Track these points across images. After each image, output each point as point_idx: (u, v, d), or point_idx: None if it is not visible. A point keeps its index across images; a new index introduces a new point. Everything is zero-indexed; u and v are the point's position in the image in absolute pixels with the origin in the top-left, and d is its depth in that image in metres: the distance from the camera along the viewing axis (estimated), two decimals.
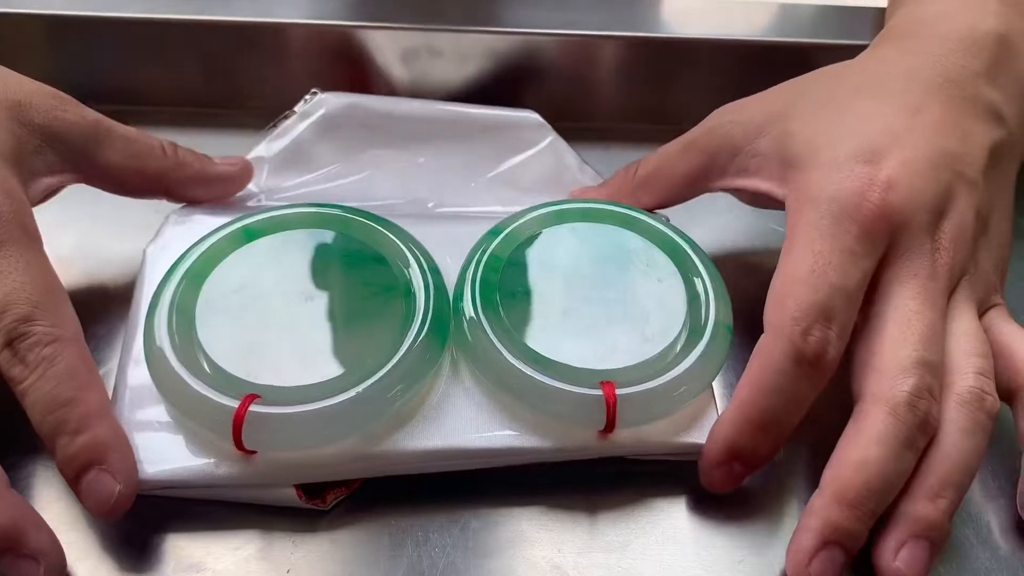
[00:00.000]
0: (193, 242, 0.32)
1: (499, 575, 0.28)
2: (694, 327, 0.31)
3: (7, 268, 0.28)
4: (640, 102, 0.46)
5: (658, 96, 0.46)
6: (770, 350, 0.28)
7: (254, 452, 0.28)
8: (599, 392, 0.29)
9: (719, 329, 0.31)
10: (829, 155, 0.31)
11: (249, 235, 0.32)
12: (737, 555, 0.29)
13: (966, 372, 0.29)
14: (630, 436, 0.30)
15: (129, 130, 0.34)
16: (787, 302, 0.29)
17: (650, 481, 0.31)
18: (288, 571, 0.28)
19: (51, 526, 0.26)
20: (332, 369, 0.29)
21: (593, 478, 0.31)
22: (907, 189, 0.30)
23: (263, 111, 0.45)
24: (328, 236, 0.32)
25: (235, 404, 0.27)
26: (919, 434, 0.27)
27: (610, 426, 0.29)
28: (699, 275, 0.32)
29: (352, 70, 0.45)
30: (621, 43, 0.44)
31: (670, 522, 0.30)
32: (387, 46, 0.44)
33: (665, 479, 0.31)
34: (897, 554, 0.27)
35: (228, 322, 0.30)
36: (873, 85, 0.33)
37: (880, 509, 0.27)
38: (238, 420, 0.27)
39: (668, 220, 0.36)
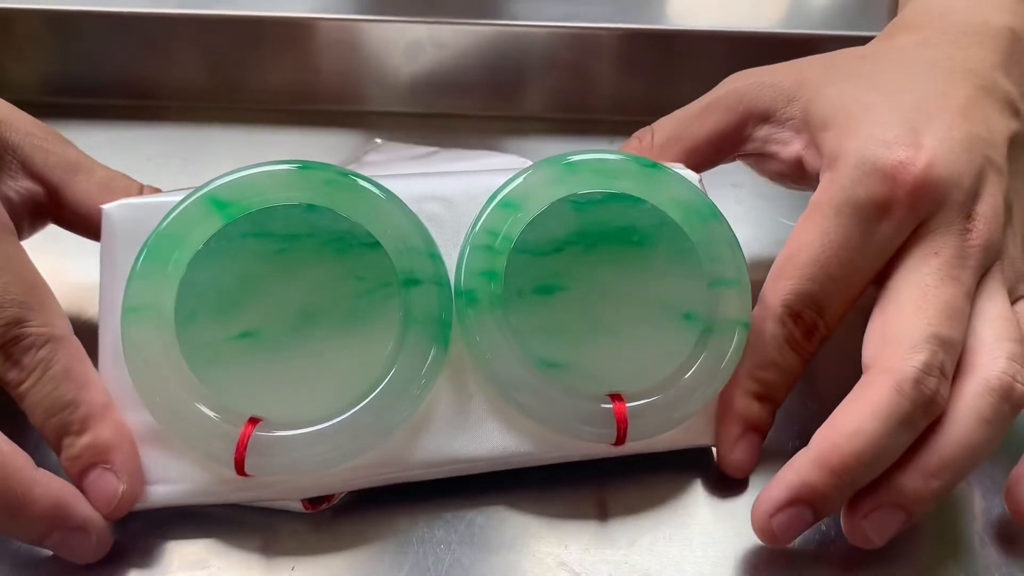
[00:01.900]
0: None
1: (505, 571, 0.28)
2: (707, 328, 0.29)
3: None
4: (645, 95, 0.46)
5: (663, 89, 0.46)
6: (761, 329, 0.30)
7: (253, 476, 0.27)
8: (609, 406, 0.28)
9: (736, 328, 0.29)
10: (867, 128, 0.30)
11: (218, 205, 0.27)
12: (746, 552, 0.29)
13: (996, 356, 0.28)
14: (639, 444, 0.29)
15: (111, 172, 0.33)
16: (782, 284, 0.30)
17: (658, 477, 0.30)
18: (292, 568, 0.27)
19: None
20: (329, 386, 0.27)
21: (600, 474, 0.30)
22: (946, 166, 0.29)
23: (267, 106, 0.45)
24: (311, 210, 0.27)
25: (235, 429, 0.26)
26: (921, 414, 0.27)
27: (621, 441, 0.28)
28: (721, 260, 0.29)
29: (356, 63, 0.45)
30: (626, 35, 0.44)
31: (678, 518, 0.29)
32: (391, 39, 0.44)
33: (673, 475, 0.31)
34: (868, 514, 0.27)
35: (213, 333, 0.27)
36: (897, 68, 0.33)
37: (862, 481, 0.27)
38: (241, 447, 0.26)
39: (700, 180, 0.32)
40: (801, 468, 0.27)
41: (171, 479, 0.27)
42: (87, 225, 0.32)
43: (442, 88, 0.46)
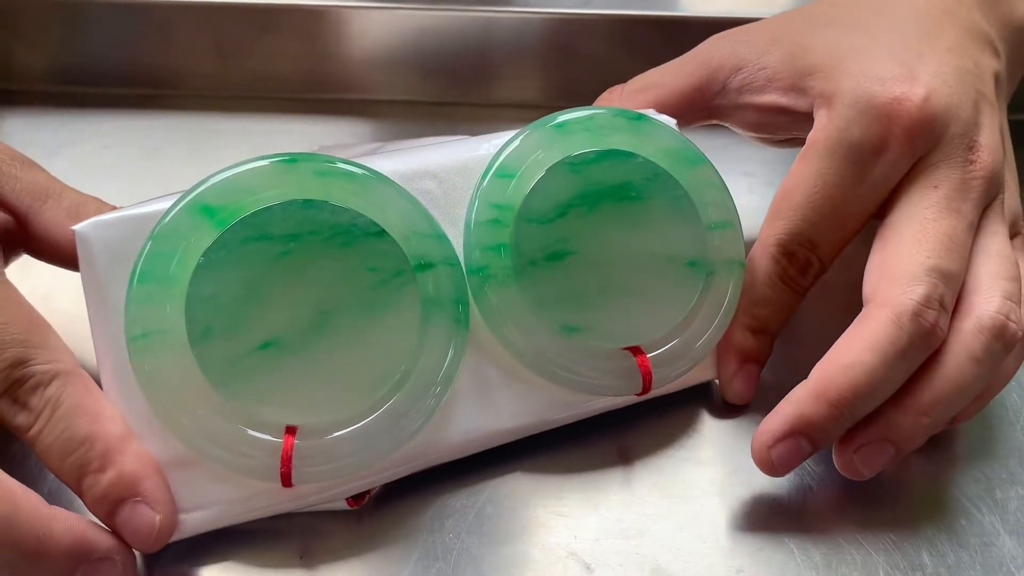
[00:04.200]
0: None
1: (514, 561, 0.28)
2: (710, 271, 0.30)
3: None
4: None
5: None
6: (757, 267, 0.31)
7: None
8: (632, 360, 0.29)
9: (734, 268, 0.30)
10: (856, 66, 0.30)
11: (208, 212, 0.25)
12: (755, 543, 0.29)
13: (992, 294, 0.28)
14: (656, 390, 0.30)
15: (82, 197, 0.30)
16: (776, 223, 0.30)
17: (667, 468, 0.31)
18: (301, 557, 0.27)
19: None
20: (361, 382, 0.26)
21: (609, 464, 0.30)
22: (943, 99, 0.29)
23: (277, 94, 0.44)
24: (308, 205, 0.26)
25: (275, 441, 0.25)
26: (920, 346, 0.27)
27: (646, 391, 0.30)
28: (714, 204, 0.30)
29: (365, 51, 0.45)
30: (633, 22, 0.44)
31: (688, 508, 0.29)
32: (400, 26, 0.44)
33: (683, 465, 0.31)
34: (859, 448, 0.28)
35: (232, 348, 0.25)
36: (876, 13, 0.33)
37: (860, 414, 0.27)
38: (286, 460, 0.25)
39: (677, 124, 0.32)
40: (799, 400, 0.27)
41: (204, 503, 0.26)
42: (59, 254, 0.30)
43: (451, 76, 0.46)
